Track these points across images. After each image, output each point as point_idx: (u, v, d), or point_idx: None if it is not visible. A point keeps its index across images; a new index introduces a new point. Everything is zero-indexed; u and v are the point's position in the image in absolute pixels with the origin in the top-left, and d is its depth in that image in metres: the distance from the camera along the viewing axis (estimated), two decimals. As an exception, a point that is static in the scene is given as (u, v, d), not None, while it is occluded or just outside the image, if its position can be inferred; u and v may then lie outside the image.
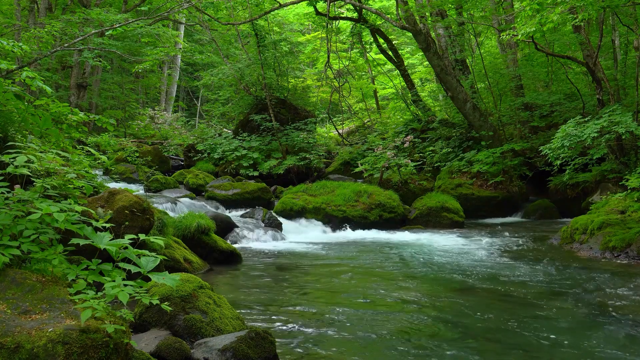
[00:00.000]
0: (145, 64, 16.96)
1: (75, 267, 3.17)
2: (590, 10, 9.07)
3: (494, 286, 6.25)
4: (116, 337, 2.89)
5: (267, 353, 3.72)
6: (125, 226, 5.34)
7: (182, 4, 13.60)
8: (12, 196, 3.49)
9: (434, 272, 7.10)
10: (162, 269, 5.32)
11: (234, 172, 16.76)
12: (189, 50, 26.28)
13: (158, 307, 3.87)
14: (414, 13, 15.05)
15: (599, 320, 4.94)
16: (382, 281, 6.65)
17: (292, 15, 26.26)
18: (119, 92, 26.42)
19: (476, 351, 4.16)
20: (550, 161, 10.76)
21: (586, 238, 8.50)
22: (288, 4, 17.55)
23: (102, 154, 6.04)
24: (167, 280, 3.11)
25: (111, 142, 10.57)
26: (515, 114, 15.53)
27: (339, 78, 20.36)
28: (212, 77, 20.74)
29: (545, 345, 4.28)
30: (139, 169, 16.62)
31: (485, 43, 21.03)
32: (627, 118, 9.12)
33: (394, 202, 12.23)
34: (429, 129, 17.32)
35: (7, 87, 5.07)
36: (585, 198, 11.94)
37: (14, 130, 5.29)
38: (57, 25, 13.40)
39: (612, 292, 5.87)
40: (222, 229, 9.25)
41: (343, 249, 9.22)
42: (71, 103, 19.03)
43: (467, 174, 14.20)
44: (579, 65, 14.46)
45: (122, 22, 10.76)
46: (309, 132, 17.84)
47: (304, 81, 23.33)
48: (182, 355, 3.60)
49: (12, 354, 2.59)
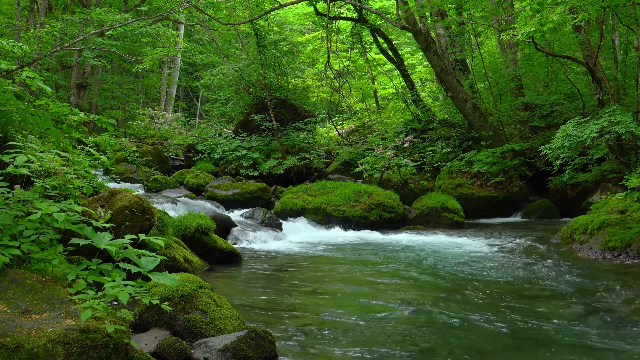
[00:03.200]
0: (145, 64, 16.97)
1: (75, 267, 3.17)
2: (590, 10, 9.07)
3: (494, 286, 6.25)
4: (116, 337, 2.89)
5: (267, 353, 3.72)
6: (125, 226, 5.34)
7: (182, 4, 13.60)
8: (12, 196, 3.49)
9: (434, 272, 7.10)
10: (162, 269, 5.33)
11: (234, 172, 16.77)
12: (189, 50, 26.28)
13: (158, 307, 3.87)
14: (414, 13, 15.05)
15: (599, 320, 4.93)
16: (382, 281, 6.64)
17: (292, 15, 26.26)
18: (119, 92, 26.43)
19: (476, 351, 4.16)
20: (550, 161, 10.75)
21: (586, 238, 8.50)
22: (288, 4, 17.55)
23: (102, 154, 6.04)
24: (167, 280, 3.12)
25: (111, 142, 10.58)
26: (515, 114, 15.53)
27: (339, 78, 20.37)
28: (212, 77, 20.75)
29: (545, 345, 4.28)
30: (139, 169, 16.63)
31: (485, 43, 21.03)
32: (627, 118, 9.12)
33: (394, 202, 12.23)
34: (429, 129, 17.33)
35: (7, 87, 5.07)
36: (585, 198, 11.94)
37: (14, 130, 5.29)
38: (57, 25, 13.40)
39: (612, 292, 5.87)
40: (222, 229, 9.24)
41: (343, 249, 9.22)
42: (71, 103, 19.03)
43: (467, 174, 14.20)
44: (579, 65, 14.46)
45: (122, 22, 10.76)
46: (309, 132, 17.84)
47: (304, 81, 23.34)
48: (182, 355, 3.60)
49: (12, 354, 2.59)
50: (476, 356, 4.07)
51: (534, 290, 6.08)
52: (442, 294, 5.95)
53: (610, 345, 4.25)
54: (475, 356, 4.07)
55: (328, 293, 6.12)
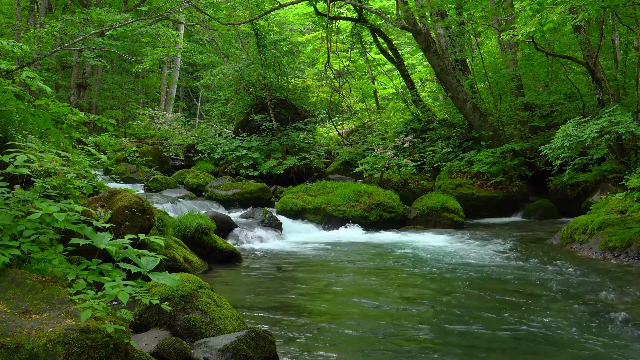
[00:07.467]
0: (145, 64, 16.97)
1: (75, 267, 3.17)
2: (590, 10, 9.06)
3: (493, 286, 6.25)
4: (116, 337, 2.89)
5: (267, 353, 3.72)
6: (125, 226, 5.34)
7: (182, 4, 13.60)
8: (12, 196, 3.49)
9: (433, 272, 7.09)
10: (162, 269, 5.32)
11: (234, 172, 16.77)
12: (189, 50, 26.28)
13: (158, 307, 3.87)
14: (414, 13, 15.05)
15: (598, 320, 4.93)
16: (381, 281, 6.64)
17: (292, 15, 26.26)
18: (119, 92, 26.43)
19: (476, 350, 4.16)
20: (550, 161, 10.75)
21: (586, 238, 8.50)
22: (288, 4, 17.55)
23: (102, 154, 6.04)
24: (167, 280, 3.11)
25: (111, 142, 10.58)
26: (515, 114, 15.53)
27: (339, 78, 20.36)
28: (212, 77, 20.74)
29: (545, 345, 4.28)
30: (139, 169, 16.62)
31: (485, 43, 21.02)
32: (627, 118, 9.11)
33: (394, 202, 12.22)
34: (429, 129, 17.32)
35: (7, 87, 5.07)
36: (585, 198, 11.93)
37: (14, 130, 5.29)
38: (57, 25, 13.40)
39: (612, 292, 5.87)
40: (222, 229, 9.24)
41: (343, 249, 9.22)
42: (71, 103, 19.03)
43: (467, 174, 14.20)
44: (579, 65, 14.46)
45: (122, 22, 10.75)
46: (309, 132, 17.84)
47: (304, 81, 23.34)
48: (182, 355, 3.60)
49: (12, 354, 2.59)
50: (476, 356, 4.07)
51: (533, 290, 6.08)
52: (442, 294, 5.95)
53: (610, 345, 4.25)
54: (475, 356, 4.07)
55: (328, 293, 6.12)
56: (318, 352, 4.09)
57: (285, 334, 4.48)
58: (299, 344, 4.24)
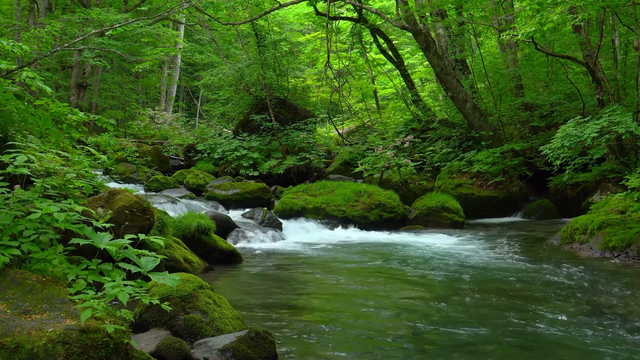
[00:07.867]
0: (145, 64, 16.97)
1: (75, 267, 3.17)
2: (590, 10, 9.06)
3: (493, 286, 6.25)
4: (116, 337, 2.89)
5: (267, 353, 3.72)
6: (125, 226, 5.34)
7: (182, 4, 13.60)
8: (12, 196, 3.49)
9: (434, 272, 7.10)
10: (162, 268, 5.32)
11: (234, 172, 16.77)
12: (189, 50, 26.28)
13: (158, 307, 3.87)
14: (414, 13, 15.05)
15: (598, 320, 4.93)
16: (381, 281, 6.64)
17: (292, 15, 26.26)
18: (119, 92, 26.42)
19: (476, 350, 4.16)
20: (550, 161, 10.75)
21: (586, 238, 8.50)
22: (288, 4, 17.55)
23: (102, 154, 6.04)
24: (167, 280, 3.11)
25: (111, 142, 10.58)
26: (515, 114, 15.53)
27: (339, 78, 20.36)
28: (212, 77, 20.74)
29: (545, 345, 4.28)
30: (139, 169, 16.62)
31: (485, 43, 21.02)
32: (627, 118, 9.12)
33: (394, 202, 12.22)
34: (429, 129, 17.32)
35: (7, 87, 5.07)
36: (585, 198, 11.93)
37: (14, 130, 5.29)
38: (57, 25, 13.40)
39: (612, 292, 5.87)
40: (222, 229, 9.24)
41: (343, 249, 9.22)
42: (71, 103, 19.03)
43: (467, 174, 14.20)
44: (579, 65, 14.45)
45: (122, 22, 10.75)
46: (309, 132, 17.84)
47: (304, 81, 23.34)
48: (182, 355, 3.60)
49: (12, 354, 2.59)
50: (477, 356, 4.07)
51: (533, 290, 6.08)
52: (441, 294, 5.95)
53: (610, 345, 4.25)
54: (476, 355, 4.07)
55: (328, 293, 6.12)
56: (318, 352, 4.09)
57: (285, 334, 4.48)
58: (299, 344, 4.24)
